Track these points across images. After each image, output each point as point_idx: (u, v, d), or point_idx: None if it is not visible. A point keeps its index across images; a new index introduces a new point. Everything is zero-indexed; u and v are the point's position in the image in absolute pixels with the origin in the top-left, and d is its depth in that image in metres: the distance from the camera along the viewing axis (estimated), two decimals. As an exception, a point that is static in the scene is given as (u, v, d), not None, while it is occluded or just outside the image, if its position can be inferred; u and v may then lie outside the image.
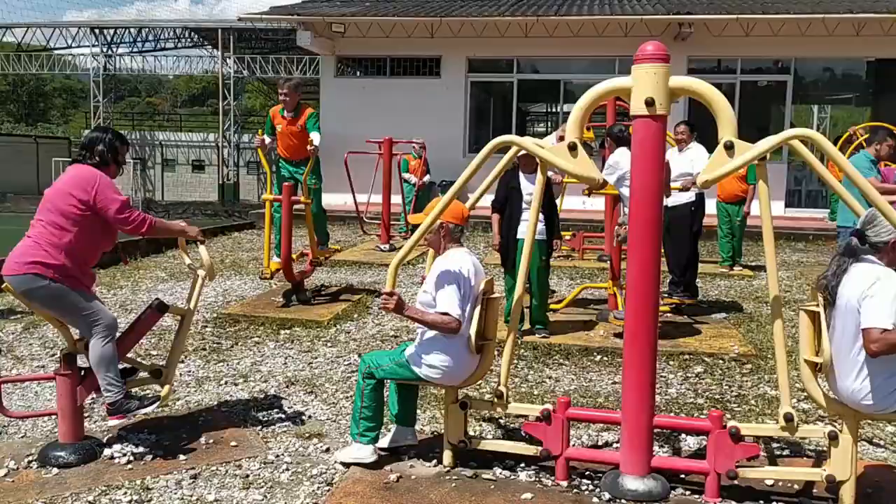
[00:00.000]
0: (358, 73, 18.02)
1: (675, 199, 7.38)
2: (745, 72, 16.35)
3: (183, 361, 5.68)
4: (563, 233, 11.57)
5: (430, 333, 3.70)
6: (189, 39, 32.60)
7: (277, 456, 4.00)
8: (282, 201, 7.05)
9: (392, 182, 11.65)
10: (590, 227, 12.23)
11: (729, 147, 3.43)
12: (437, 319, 3.63)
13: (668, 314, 7.35)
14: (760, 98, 17.39)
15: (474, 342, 3.68)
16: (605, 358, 5.96)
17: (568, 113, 17.44)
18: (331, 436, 4.30)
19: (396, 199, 11.82)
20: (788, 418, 3.49)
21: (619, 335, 6.12)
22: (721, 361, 5.92)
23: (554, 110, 19.51)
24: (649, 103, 3.42)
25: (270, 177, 7.57)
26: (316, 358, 5.85)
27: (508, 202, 6.29)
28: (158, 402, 4.08)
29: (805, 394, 3.60)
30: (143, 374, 4.25)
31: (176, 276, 9.11)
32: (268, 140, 7.43)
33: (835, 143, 11.02)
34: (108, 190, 3.84)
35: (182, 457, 3.97)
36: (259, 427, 4.41)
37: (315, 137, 7.28)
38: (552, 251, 6.59)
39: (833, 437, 3.42)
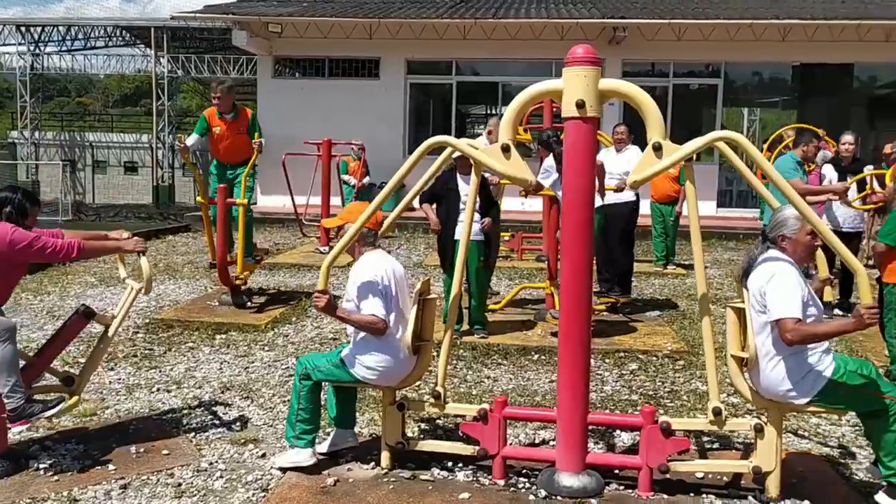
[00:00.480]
0: (297, 74, 17.83)
1: (616, 198, 7.53)
2: (678, 75, 16.77)
3: (112, 369, 5.53)
4: (502, 233, 11.74)
5: (365, 335, 3.69)
6: (121, 38, 31.72)
7: (211, 463, 3.92)
8: (217, 204, 6.92)
9: (331, 184, 11.57)
10: (528, 227, 12.36)
11: (657, 148, 3.50)
12: (364, 320, 3.62)
13: (604, 313, 7.49)
14: (692, 101, 17.85)
15: (410, 343, 3.68)
16: (543, 357, 6.03)
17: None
18: (267, 441, 4.24)
19: (336, 200, 11.74)
20: (717, 412, 3.59)
21: (556, 334, 6.18)
22: (655, 358, 6.06)
23: (493, 112, 19.63)
24: (580, 105, 3.47)
25: (200, 179, 7.45)
26: (253, 362, 5.76)
27: (445, 203, 6.31)
28: (62, 406, 3.89)
29: (735, 388, 3.70)
30: (54, 381, 4.13)
31: (106, 280, 8.86)
32: (191, 141, 7.25)
33: (765, 144, 11.39)
34: (19, 241, 3.75)
35: (111, 467, 3.86)
36: (192, 434, 4.32)
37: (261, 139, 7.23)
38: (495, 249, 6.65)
39: (759, 430, 3.53)
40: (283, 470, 3.78)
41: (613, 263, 7.81)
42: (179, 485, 3.68)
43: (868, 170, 7.80)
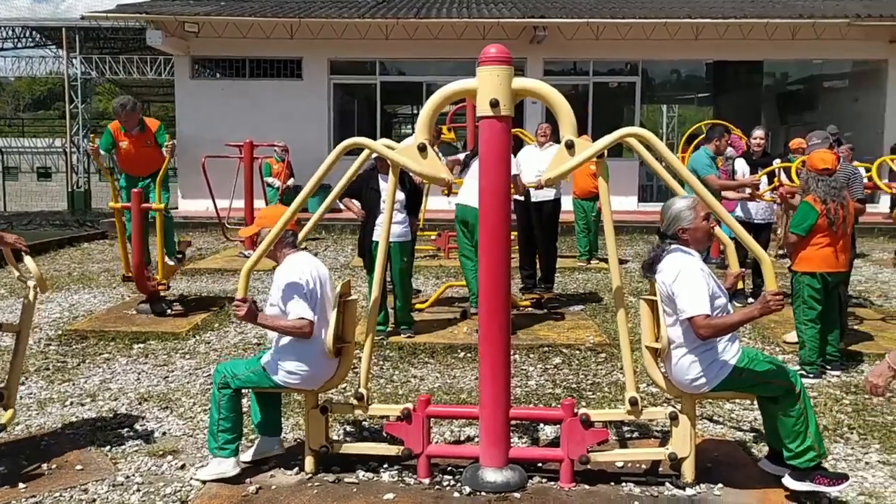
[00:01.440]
0: (216, 75, 17.45)
1: (540, 195, 7.66)
2: (598, 73, 17.12)
3: (23, 383, 5.31)
4: (428, 233, 11.77)
5: (286, 339, 3.65)
6: (31, 39, 30.43)
7: (127, 477, 3.80)
8: (131, 209, 6.72)
9: (254, 186, 11.36)
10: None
11: (570, 146, 3.57)
12: (290, 324, 3.58)
13: (529, 308, 7.59)
14: (612, 98, 18.26)
15: (332, 345, 3.65)
16: (469, 354, 6.07)
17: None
18: (187, 451, 4.14)
19: (260, 203, 11.52)
20: (633, 402, 3.69)
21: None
22: (578, 352, 6.17)
23: (419, 112, 19.67)
24: (494, 104, 3.50)
25: (114, 184, 7.23)
26: (172, 371, 5.62)
27: (367, 204, 6.29)
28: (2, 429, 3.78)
29: (650, 378, 3.80)
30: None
31: (17, 292, 8.48)
32: (102, 152, 7.09)
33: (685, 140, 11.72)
34: None
35: (22, 485, 3.70)
36: (108, 448, 4.18)
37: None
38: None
39: (674, 418, 3.64)
40: (206, 482, 3.69)
41: (538, 259, 7.95)
42: (94, 500, 3.56)
43: (776, 163, 8.12)
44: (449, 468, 3.85)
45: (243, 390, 3.81)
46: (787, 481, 3.53)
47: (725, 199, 7.84)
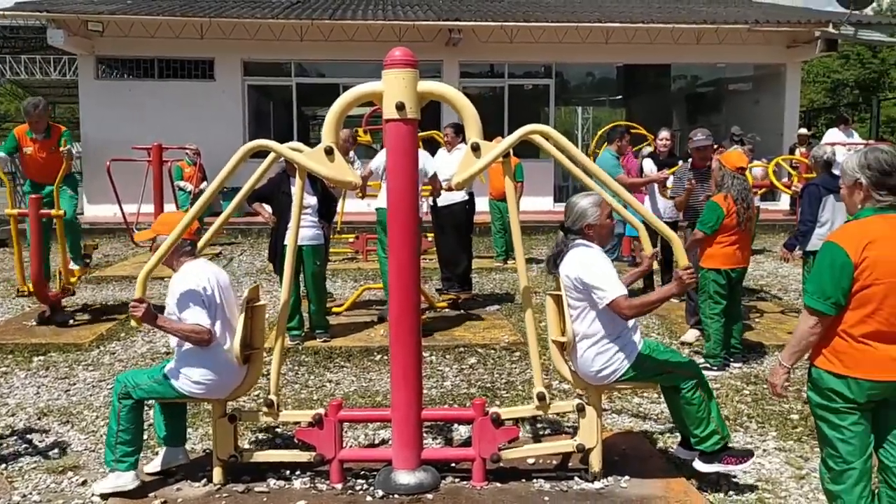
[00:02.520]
0: (126, 76, 16.85)
1: (450, 198, 7.69)
2: (513, 76, 17.35)
3: (-90, 402, 5.01)
4: (346, 235, 11.70)
5: (189, 348, 3.55)
6: (-79, 37, 28.71)
7: (24, 496, 3.63)
8: (29, 216, 6.42)
9: (164, 190, 11.04)
10: (374, 229, 12.34)
11: (475, 148, 3.61)
12: (186, 328, 3.48)
13: (446, 309, 7.63)
14: (527, 100, 18.53)
15: (239, 352, 3.58)
16: (386, 357, 6.04)
17: (353, 117, 17.40)
18: (89, 467, 3.99)
19: (170, 208, 11.21)
20: (541, 397, 3.75)
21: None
22: (493, 351, 6.24)
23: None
24: (400, 107, 3.51)
25: (10, 189, 6.92)
26: (74, 384, 5.40)
27: (278, 208, 6.20)
28: None
29: (557, 372, 3.87)
30: None
31: None
32: (3, 154, 6.83)
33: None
34: None
35: None
36: (3, 466, 3.98)
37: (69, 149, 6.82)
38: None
39: (580, 410, 3.72)
40: (105, 496, 3.56)
41: (454, 261, 7.99)
42: (-14, 523, 3.39)
43: (681, 163, 8.41)
44: (363, 472, 3.83)
45: (146, 401, 3.69)
46: (697, 465, 3.67)
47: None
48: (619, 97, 23.86)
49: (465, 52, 16.11)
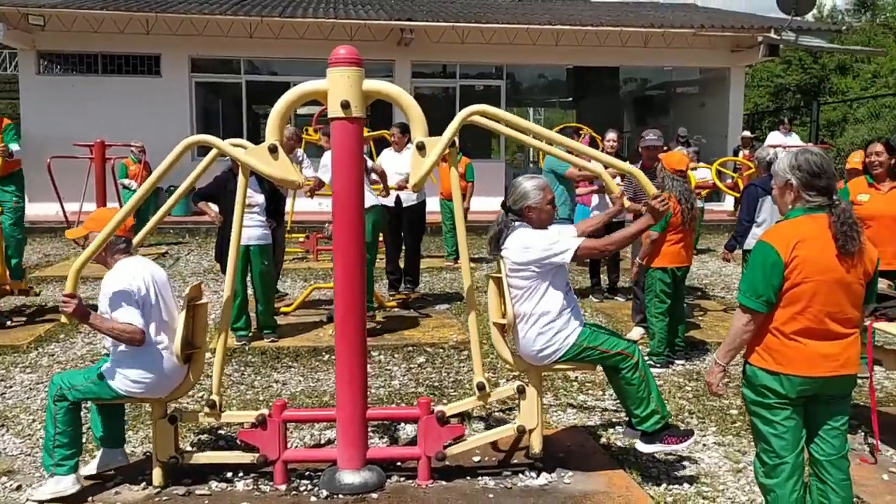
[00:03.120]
0: (68, 71, 16.40)
1: (411, 198, 7.72)
2: (464, 77, 17.40)
3: None
4: (297, 235, 11.59)
5: (126, 347, 3.47)
6: None
7: (-46, 503, 3.52)
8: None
9: (107, 188, 10.79)
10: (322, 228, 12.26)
11: (421, 147, 3.62)
12: (118, 327, 3.40)
13: (396, 308, 7.63)
14: (479, 101, 18.43)
15: (180, 351, 3.52)
16: (334, 357, 5.98)
17: (303, 115, 17.12)
18: (24, 471, 3.88)
19: (114, 206, 10.95)
20: (480, 387, 3.77)
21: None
22: (441, 350, 6.26)
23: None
24: (345, 106, 3.49)
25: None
26: (10, 387, 5.24)
27: (225, 207, 6.11)
28: None
29: (497, 354, 3.89)
30: None
31: None
32: None
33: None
34: None
35: None
36: (-67, 473, 3.85)
37: (15, 149, 6.61)
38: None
39: (521, 391, 3.76)
40: (42, 502, 3.47)
41: (405, 260, 8.01)
42: (-87, 531, 3.28)
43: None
44: (307, 473, 3.80)
45: (83, 402, 3.61)
46: (640, 446, 3.74)
47: (579, 196, 8.21)
48: (570, 99, 24.16)
49: (417, 53, 16.12)
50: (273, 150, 3.56)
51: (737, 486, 3.78)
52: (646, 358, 5.71)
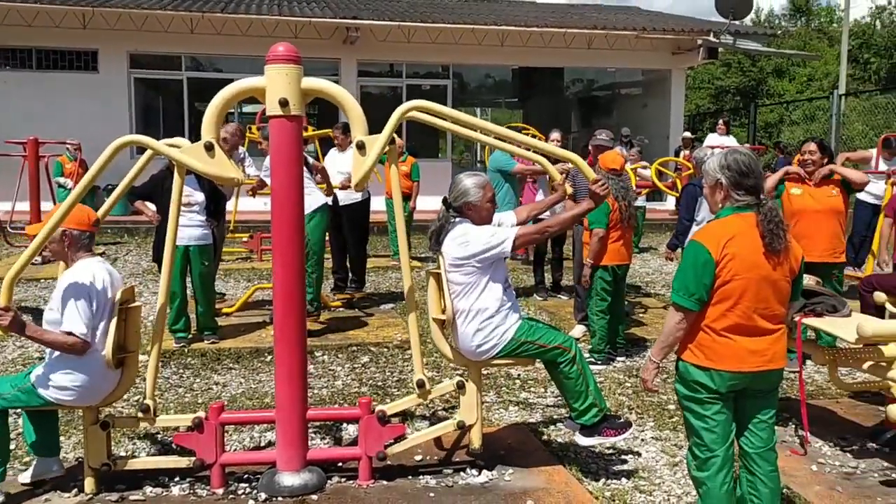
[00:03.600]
0: (3, 66, 15.80)
1: (351, 197, 7.68)
2: (411, 76, 17.39)
3: None
4: (240, 235, 11.42)
5: (58, 352, 3.38)
6: None
7: None
8: None
9: (41, 187, 10.45)
10: (269, 228, 12.11)
11: (361, 146, 3.60)
12: (59, 339, 3.31)
13: (341, 308, 7.58)
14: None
15: (111, 356, 3.43)
16: (276, 358, 5.94)
17: (247, 114, 16.84)
18: (-52, 481, 3.73)
19: (48, 206, 10.61)
20: (420, 385, 3.78)
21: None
22: (386, 349, 6.24)
23: (231, 110, 18.97)
24: (283, 103, 3.46)
25: None
26: (-65, 393, 5.04)
27: (163, 206, 5.98)
28: None
29: (437, 349, 3.90)
30: None
31: None
32: None
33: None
34: None
35: None
36: None
37: None
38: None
39: (461, 387, 3.77)
40: (-34, 512, 3.35)
41: (359, 260, 7.98)
42: None
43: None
44: (246, 476, 3.75)
45: (11, 410, 3.49)
46: (579, 439, 3.78)
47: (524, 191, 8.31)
48: (516, 99, 24.32)
49: (363, 51, 16.03)
50: (209, 147, 3.50)
51: (673, 480, 3.86)
52: (587, 355, 5.83)
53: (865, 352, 4.16)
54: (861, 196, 8.75)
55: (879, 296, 4.71)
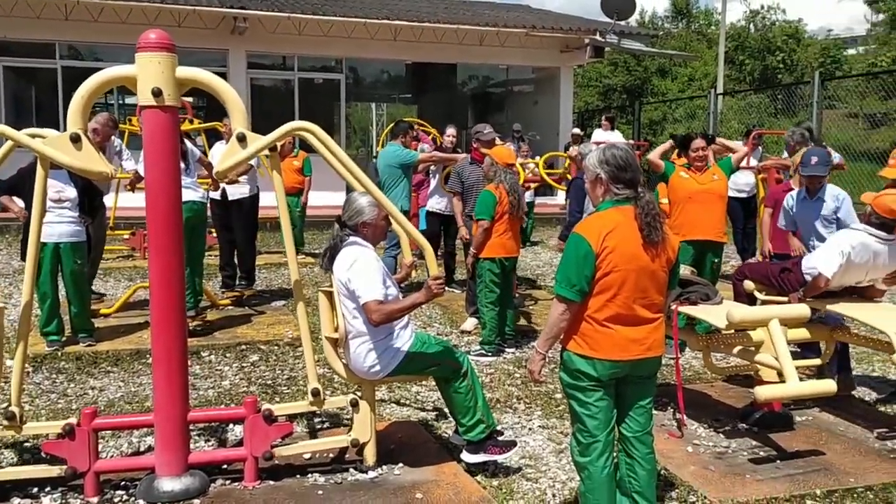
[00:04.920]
0: None
1: (240, 192, 7.47)
2: (303, 69, 17.06)
3: None
4: (121, 232, 10.90)
5: None
6: None
7: None
8: None
9: None
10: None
11: (241, 139, 3.49)
12: None
13: (230, 307, 7.37)
14: (319, 95, 18.33)
15: (-30, 362, 3.20)
16: (158, 359, 5.71)
17: (128, 105, 16.06)
18: None
19: None
20: (315, 393, 3.72)
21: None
22: (276, 348, 6.11)
23: (110, 101, 18.04)
24: (156, 93, 3.31)
25: None
26: None
27: (29, 200, 5.62)
28: None
29: (330, 368, 3.86)
30: None
31: None
32: None
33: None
34: None
35: None
36: None
37: None
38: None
39: (354, 405, 3.74)
40: None
41: (247, 256, 7.77)
42: None
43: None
44: (123, 483, 3.58)
45: None
46: (465, 455, 3.80)
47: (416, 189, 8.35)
48: (410, 95, 24.31)
49: (253, 43, 15.60)
50: (76, 139, 3.31)
51: (558, 466, 3.95)
52: (477, 347, 5.91)
53: (736, 337, 4.40)
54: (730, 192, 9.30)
55: (748, 284, 4.98)
